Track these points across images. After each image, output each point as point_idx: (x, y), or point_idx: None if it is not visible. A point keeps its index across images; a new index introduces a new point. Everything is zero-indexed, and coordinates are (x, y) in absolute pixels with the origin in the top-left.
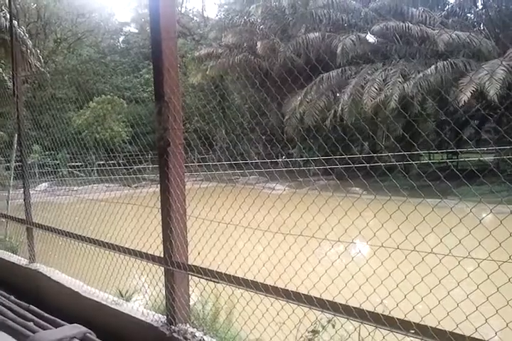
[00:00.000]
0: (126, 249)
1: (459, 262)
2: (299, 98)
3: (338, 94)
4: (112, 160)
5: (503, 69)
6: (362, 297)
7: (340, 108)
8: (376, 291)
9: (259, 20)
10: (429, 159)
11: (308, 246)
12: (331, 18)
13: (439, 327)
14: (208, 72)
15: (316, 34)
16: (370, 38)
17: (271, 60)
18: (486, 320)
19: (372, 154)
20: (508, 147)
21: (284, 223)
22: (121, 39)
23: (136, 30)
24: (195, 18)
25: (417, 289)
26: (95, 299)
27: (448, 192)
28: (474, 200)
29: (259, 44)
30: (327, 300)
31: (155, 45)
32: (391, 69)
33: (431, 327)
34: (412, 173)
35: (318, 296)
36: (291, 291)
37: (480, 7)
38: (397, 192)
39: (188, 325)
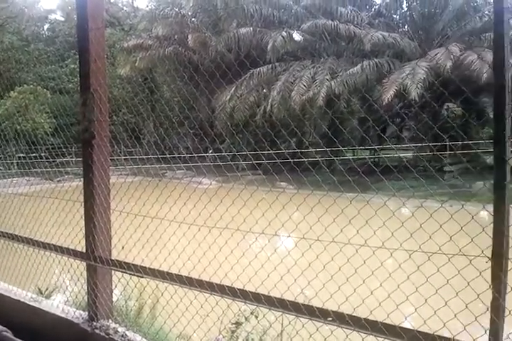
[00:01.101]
0: (47, 244)
1: (373, 252)
2: (229, 93)
3: (265, 90)
4: (34, 152)
5: (423, 70)
6: (284, 287)
7: (269, 104)
8: (298, 281)
9: (190, 13)
10: (354, 155)
11: (233, 239)
12: (262, 14)
13: (354, 314)
14: (137, 64)
15: (248, 29)
16: (296, 36)
17: (202, 53)
18: (397, 306)
19: (297, 150)
20: (420, 144)
21: (209, 216)
22: (46, 27)
23: (63, 19)
24: (124, 7)
25: (336, 278)
26: (12, 296)
27: (370, 186)
28: (394, 195)
29: (190, 37)
30: (250, 292)
31: (81, 34)
32: (319, 67)
33: (347, 314)
34: (337, 169)
35: (242, 288)
36: (215, 284)
37: (405, 9)
38: (322, 186)
39: (110, 321)
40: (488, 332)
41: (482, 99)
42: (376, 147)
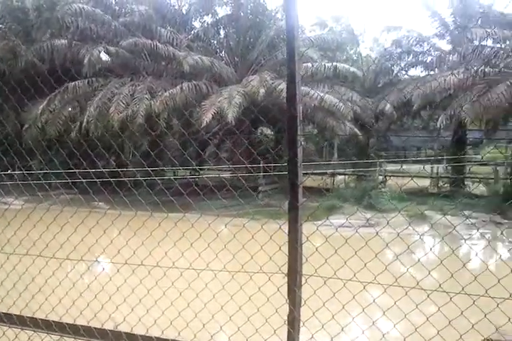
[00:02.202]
0: None
1: (181, 273)
2: (41, 106)
3: (70, 109)
4: None
5: (239, 95)
6: (93, 314)
7: (86, 120)
8: (109, 307)
9: None
10: (174, 175)
11: (34, 266)
12: (78, 26)
13: (163, 336)
14: None
15: (63, 41)
16: (104, 56)
17: (10, 62)
18: (204, 325)
19: (112, 169)
20: (229, 166)
21: (8, 242)
22: None
23: None
24: None
25: (149, 301)
26: None
27: (192, 206)
28: (213, 214)
29: None
30: (53, 321)
31: None
32: (139, 85)
33: (155, 337)
34: (159, 188)
35: (44, 318)
36: (15, 315)
37: (222, 35)
38: (142, 206)
39: None
40: None
41: None
42: (195, 167)
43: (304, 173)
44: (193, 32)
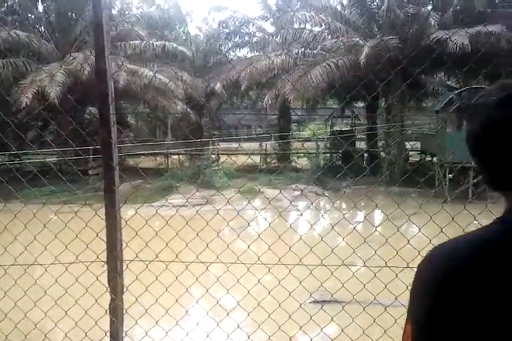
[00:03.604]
0: None
1: (25, 270)
2: None
3: None
4: None
5: (62, 73)
6: None
7: None
8: None
9: None
10: None
11: None
12: None
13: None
14: None
15: None
16: None
17: None
18: (16, 325)
19: None
20: (52, 149)
21: None
22: None
23: None
24: None
25: None
26: None
27: (14, 195)
28: (39, 202)
29: None
30: None
31: None
32: None
33: None
34: None
35: None
36: None
37: (41, 10)
38: None
39: None
40: (108, 333)
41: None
42: (13, 152)
43: (133, 154)
44: (6, 4)
